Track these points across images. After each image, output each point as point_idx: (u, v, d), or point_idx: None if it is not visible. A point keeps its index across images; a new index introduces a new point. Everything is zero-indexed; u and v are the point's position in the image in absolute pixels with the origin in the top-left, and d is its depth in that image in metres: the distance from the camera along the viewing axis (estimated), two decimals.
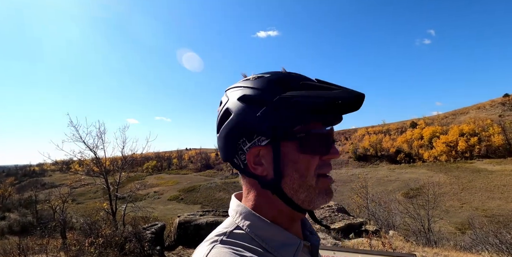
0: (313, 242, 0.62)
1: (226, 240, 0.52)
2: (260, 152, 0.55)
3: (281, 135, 0.53)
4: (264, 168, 0.55)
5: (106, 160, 10.03)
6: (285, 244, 0.54)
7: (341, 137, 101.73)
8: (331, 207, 5.73)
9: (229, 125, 0.56)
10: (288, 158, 0.54)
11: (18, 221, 25.83)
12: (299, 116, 0.53)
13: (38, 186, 65.59)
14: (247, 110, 0.55)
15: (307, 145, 0.54)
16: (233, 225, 0.56)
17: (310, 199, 0.55)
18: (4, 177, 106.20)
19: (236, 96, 0.57)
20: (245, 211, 0.57)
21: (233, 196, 0.64)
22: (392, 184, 51.75)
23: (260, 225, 0.54)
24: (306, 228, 0.65)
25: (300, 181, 0.54)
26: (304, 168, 0.54)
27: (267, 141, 0.54)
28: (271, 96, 0.54)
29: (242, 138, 0.56)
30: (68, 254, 6.65)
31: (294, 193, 0.55)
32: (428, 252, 4.46)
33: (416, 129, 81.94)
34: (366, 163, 75.24)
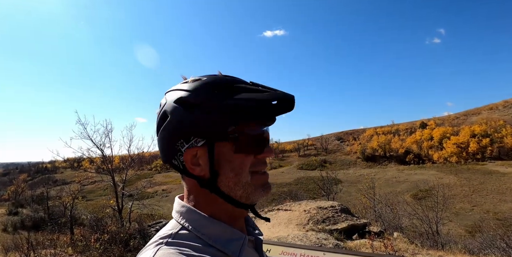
0: (256, 237, 0.65)
1: (171, 242, 0.53)
2: (197, 152, 0.57)
3: (214, 136, 0.56)
4: (202, 168, 0.57)
5: (113, 158, 10.17)
6: (231, 239, 0.56)
7: (349, 137, 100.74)
8: (334, 208, 5.70)
9: (166, 127, 0.58)
10: (223, 157, 0.57)
11: (30, 216, 26.32)
12: (232, 118, 0.55)
13: (50, 183, 66.98)
14: (182, 112, 0.56)
15: (240, 145, 0.57)
16: (178, 226, 0.57)
17: (247, 194, 0.58)
18: (17, 173, 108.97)
19: (173, 98, 0.58)
20: (188, 211, 0.58)
21: (176, 198, 0.65)
22: (401, 185, 51.00)
23: (204, 224, 0.56)
24: (249, 224, 0.68)
25: (235, 179, 0.57)
26: (238, 167, 0.57)
27: (203, 142, 0.56)
28: (205, 98, 0.56)
29: (179, 140, 0.57)
30: (75, 250, 6.80)
31: (230, 191, 0.57)
32: (432, 255, 4.40)
33: (426, 130, 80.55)
34: (374, 164, 74.33)
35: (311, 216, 5.23)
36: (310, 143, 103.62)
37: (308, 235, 4.35)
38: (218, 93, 0.56)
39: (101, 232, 6.22)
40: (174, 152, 0.58)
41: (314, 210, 5.52)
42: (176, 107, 0.57)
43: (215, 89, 0.57)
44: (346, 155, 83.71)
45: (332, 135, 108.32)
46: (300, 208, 5.75)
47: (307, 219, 5.12)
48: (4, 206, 38.38)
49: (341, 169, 72.02)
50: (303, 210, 5.56)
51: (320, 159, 79.80)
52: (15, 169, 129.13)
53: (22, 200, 42.02)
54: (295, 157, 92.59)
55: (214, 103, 0.55)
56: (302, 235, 4.28)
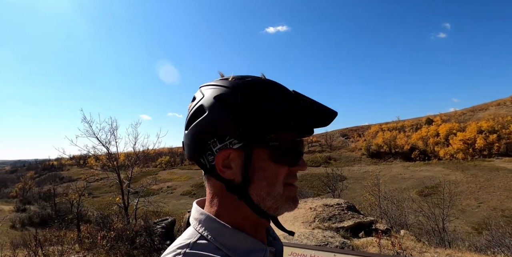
0: (277, 247, 0.62)
1: (189, 253, 0.49)
2: (230, 155, 0.53)
3: (254, 141, 0.53)
4: (232, 172, 0.53)
5: (119, 156, 10.21)
6: (251, 250, 0.53)
7: (354, 134, 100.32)
8: (340, 205, 5.65)
9: (201, 123, 0.54)
10: (258, 165, 0.53)
11: (38, 213, 26.72)
12: (276, 125, 0.52)
13: (57, 180, 67.82)
14: (222, 110, 0.53)
15: (278, 154, 0.54)
16: (196, 235, 0.54)
17: (277, 206, 0.55)
18: (25, 171, 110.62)
19: (213, 94, 0.55)
20: (208, 219, 0.55)
21: (195, 203, 0.61)
22: (406, 182, 50.78)
23: (224, 233, 0.53)
24: (269, 234, 0.65)
25: (268, 189, 0.54)
26: (272, 177, 0.54)
27: (240, 145, 0.53)
28: (249, 100, 0.53)
29: (213, 138, 0.53)
30: (82, 247, 6.85)
31: (261, 200, 0.54)
32: (440, 253, 4.34)
33: (432, 126, 79.95)
34: (379, 160, 74.01)
35: (317, 214, 5.19)
36: (315, 139, 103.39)
37: (315, 233, 4.32)
38: (263, 97, 0.54)
39: (107, 230, 6.26)
40: (204, 150, 0.55)
41: (320, 207, 5.48)
42: (216, 104, 0.54)
43: (260, 92, 0.55)
44: (351, 152, 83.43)
45: (336, 131, 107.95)
46: (306, 206, 5.71)
47: (313, 217, 5.08)
48: (12, 203, 39.02)
49: (346, 166, 71.86)
50: (309, 208, 5.52)
51: (324, 156, 79.68)
52: (22, 167, 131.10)
53: (30, 197, 42.69)
54: None
55: (258, 106, 0.52)
56: (308, 233, 4.25)
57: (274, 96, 0.55)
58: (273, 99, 0.54)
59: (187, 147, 0.58)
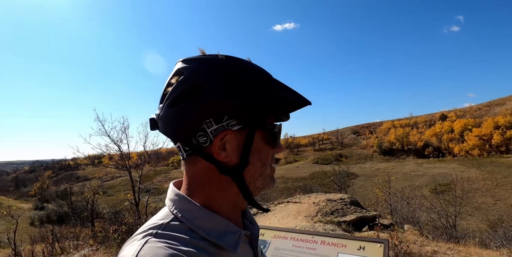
0: (253, 231, 0.62)
1: (161, 233, 0.48)
2: (226, 136, 0.52)
3: (257, 124, 0.54)
4: (227, 154, 0.52)
5: (130, 154, 10.54)
6: (225, 232, 0.53)
7: (366, 131, 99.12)
8: (343, 200, 5.72)
9: (197, 101, 0.50)
10: (255, 146, 0.54)
11: (55, 211, 27.66)
12: (276, 108, 0.55)
13: (73, 179, 69.83)
14: (226, 89, 0.50)
15: (270, 137, 0.57)
16: (169, 216, 0.53)
17: (264, 186, 0.58)
18: (42, 170, 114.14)
19: (212, 67, 0.52)
20: (183, 200, 0.54)
21: (171, 184, 0.60)
22: (419, 179, 49.90)
23: (199, 215, 0.52)
24: (246, 217, 0.65)
25: (261, 170, 0.56)
26: (265, 158, 0.57)
27: (239, 126, 0.53)
28: (256, 81, 0.53)
29: (208, 119, 0.51)
30: (96, 241, 7.17)
31: (252, 181, 0.55)
32: (441, 246, 4.38)
33: (446, 122, 78.07)
34: (391, 158, 72.94)
35: (320, 208, 5.29)
36: (326, 137, 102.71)
37: (316, 226, 4.43)
38: (265, 80, 0.55)
39: (119, 224, 6.53)
40: (196, 130, 0.52)
41: (323, 202, 5.57)
42: (218, 82, 0.50)
43: (260, 75, 0.55)
44: (363, 149, 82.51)
45: (347, 128, 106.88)
46: (310, 201, 5.81)
47: (315, 211, 5.19)
48: (31, 201, 40.50)
49: (358, 163, 71.16)
50: (312, 203, 5.63)
51: (335, 153, 79.07)
52: (40, 167, 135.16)
53: (48, 196, 44.08)
54: (310, 152, 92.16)
55: (265, 89, 0.52)
56: (309, 226, 4.36)
57: (266, 79, 0.55)
58: (267, 82, 0.54)
59: (170, 126, 0.53)
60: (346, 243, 1.47)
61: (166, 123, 0.54)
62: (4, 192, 54.83)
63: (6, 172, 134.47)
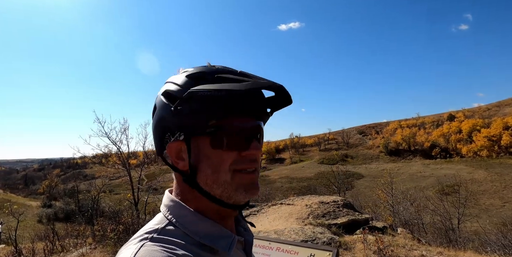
0: (246, 238, 0.62)
1: (157, 238, 0.50)
2: (181, 147, 0.55)
3: (191, 130, 0.54)
4: (184, 163, 0.55)
5: (129, 154, 10.70)
6: (219, 237, 0.54)
7: (372, 131, 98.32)
8: (336, 203, 5.73)
9: (155, 120, 0.58)
10: (203, 153, 0.54)
11: (62, 209, 28.10)
12: (209, 110, 0.51)
13: (80, 177, 70.97)
14: (166, 105, 0.55)
15: (219, 140, 0.52)
16: (164, 221, 0.54)
17: (228, 194, 0.54)
18: (51, 169, 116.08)
19: (161, 91, 0.58)
20: (177, 206, 0.56)
21: (167, 191, 0.62)
22: (426, 180, 49.32)
23: (192, 220, 0.54)
24: (239, 224, 0.65)
25: (213, 176, 0.53)
26: (216, 164, 0.53)
27: (182, 135, 0.55)
28: (184, 91, 0.52)
29: (167, 133, 0.56)
30: (94, 239, 7.32)
31: (210, 189, 0.54)
32: (431, 251, 4.37)
33: (454, 122, 76.96)
34: (398, 158, 72.23)
35: (312, 211, 5.31)
36: (331, 137, 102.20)
37: (305, 229, 4.46)
38: (197, 85, 0.53)
39: (116, 223, 6.65)
40: (163, 145, 0.57)
41: (316, 204, 5.60)
42: (162, 100, 0.56)
43: (196, 80, 0.55)
44: (369, 149, 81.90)
45: (353, 129, 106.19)
46: (302, 203, 5.84)
47: (307, 214, 5.21)
48: (40, 199, 41.24)
49: (363, 164, 70.70)
50: (305, 205, 5.65)
51: (341, 154, 78.65)
52: (49, 165, 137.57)
53: (56, 194, 44.84)
54: (316, 152, 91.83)
55: (195, 95, 0.51)
56: (298, 229, 4.40)
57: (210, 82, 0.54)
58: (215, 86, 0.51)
59: (154, 144, 0.61)
60: (299, 250, 1.51)
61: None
62: (13, 190, 55.92)
63: (16, 170, 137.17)
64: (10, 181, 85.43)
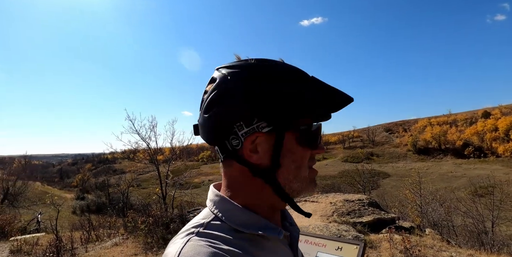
0: (292, 233, 0.62)
1: (203, 232, 0.50)
2: (257, 139, 0.52)
3: (287, 125, 0.53)
4: (259, 156, 0.53)
5: (158, 150, 11.14)
6: (265, 228, 0.53)
7: (399, 129, 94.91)
8: (361, 201, 5.67)
9: (227, 106, 0.52)
10: (287, 148, 0.54)
11: (94, 201, 29.59)
12: (308, 109, 0.53)
13: (110, 172, 74.46)
14: (254, 93, 0.51)
15: (305, 138, 0.55)
16: (211, 215, 0.54)
17: (301, 189, 0.56)
18: (83, 163, 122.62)
19: (239, 76, 0.54)
20: (223, 201, 0.55)
21: (211, 186, 0.62)
22: (458, 181, 47.01)
23: (238, 214, 0.53)
24: (286, 219, 0.65)
25: (295, 172, 0.55)
26: (300, 160, 0.55)
27: (269, 128, 0.53)
28: (283, 84, 0.53)
29: (239, 122, 0.52)
30: (126, 230, 7.74)
31: (287, 183, 0.55)
32: (461, 253, 4.23)
33: (490, 120, 72.54)
34: (427, 157, 69.33)
35: (336, 208, 5.30)
36: (356, 134, 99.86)
37: (330, 226, 4.47)
38: (297, 81, 0.54)
39: (146, 216, 6.99)
40: (228, 133, 0.53)
41: (340, 202, 5.57)
42: (244, 87, 0.52)
43: (286, 75, 0.54)
44: (396, 148, 79.23)
45: (380, 126, 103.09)
46: (327, 200, 5.83)
47: (332, 211, 5.21)
48: (73, 191, 43.79)
49: (390, 162, 68.55)
50: (330, 202, 5.64)
51: (366, 152, 76.69)
52: (81, 159, 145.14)
53: (88, 187, 47.28)
54: (340, 150, 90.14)
55: (293, 91, 0.52)
56: (323, 226, 4.42)
57: (299, 80, 0.54)
58: (299, 83, 0.54)
59: (206, 131, 0.56)
60: (326, 243, 1.57)
61: (203, 128, 0.57)
62: (50, 183, 59.60)
63: (52, 164, 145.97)
64: (47, 174, 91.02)
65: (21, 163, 43.95)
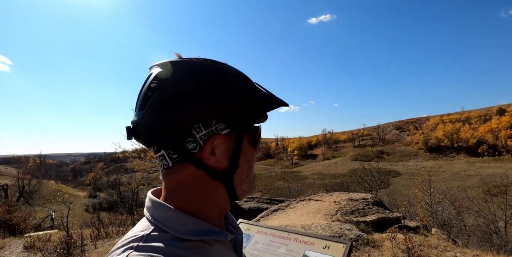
0: (237, 236, 0.61)
1: (143, 246, 0.45)
2: (215, 141, 0.51)
3: (247, 127, 0.55)
4: (217, 159, 0.51)
5: None
6: (212, 233, 0.52)
7: (410, 127, 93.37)
8: (366, 200, 5.64)
9: (186, 107, 0.48)
10: (242, 149, 0.54)
11: (106, 199, 30.22)
12: (260, 112, 0.55)
13: (122, 171, 75.65)
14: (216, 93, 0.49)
15: (255, 139, 0.57)
16: (150, 227, 0.50)
17: (249, 189, 0.58)
18: (96, 162, 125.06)
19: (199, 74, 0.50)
20: (165, 209, 0.51)
21: (149, 193, 0.57)
22: (471, 180, 46.00)
23: (183, 222, 0.50)
24: (228, 222, 0.63)
25: (247, 172, 0.56)
26: (251, 160, 0.57)
27: (228, 130, 0.52)
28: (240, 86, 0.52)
29: (198, 124, 0.50)
30: None
31: (240, 184, 0.55)
32: (467, 253, 4.18)
33: (505, 117, 70.54)
34: (439, 155, 68.03)
35: (340, 207, 5.29)
36: (366, 133, 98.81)
37: (332, 225, 4.47)
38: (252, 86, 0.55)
39: None
40: (186, 136, 0.50)
41: (344, 201, 5.56)
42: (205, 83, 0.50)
43: (244, 78, 0.55)
44: (406, 146, 78.02)
45: (390, 124, 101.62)
46: (331, 199, 5.83)
47: (335, 210, 5.20)
48: (86, 190, 44.76)
49: (400, 161, 67.59)
50: (333, 201, 5.64)
51: (376, 150, 75.78)
52: (94, 158, 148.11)
53: (100, 185, 48.21)
54: (350, 148, 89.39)
55: (249, 92, 0.53)
56: (325, 225, 4.43)
57: (250, 82, 0.55)
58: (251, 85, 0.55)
59: (157, 134, 0.50)
60: (314, 241, 1.60)
61: (152, 130, 0.50)
62: (64, 181, 60.95)
63: (66, 163, 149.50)
64: (61, 173, 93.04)
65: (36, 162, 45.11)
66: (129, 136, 0.53)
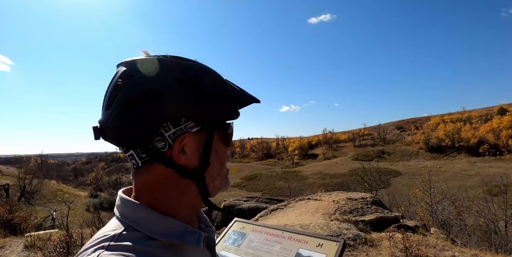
0: (210, 234, 0.60)
1: (114, 245, 0.45)
2: (184, 139, 0.51)
3: (217, 125, 0.54)
4: (187, 157, 0.51)
5: None
6: (185, 233, 0.51)
7: (411, 126, 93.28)
8: (365, 199, 5.65)
9: (153, 105, 0.48)
10: (213, 147, 0.55)
11: (107, 199, 30.24)
12: (231, 109, 0.55)
13: (123, 171, 75.79)
14: (186, 92, 0.49)
15: (227, 136, 0.57)
16: (121, 226, 0.49)
17: (221, 186, 0.58)
18: (97, 162, 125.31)
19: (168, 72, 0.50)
20: (137, 208, 0.50)
21: (120, 192, 0.56)
22: (472, 180, 45.94)
23: (156, 221, 0.49)
24: (201, 221, 0.63)
25: (219, 169, 0.56)
26: (223, 157, 0.57)
27: (198, 128, 0.52)
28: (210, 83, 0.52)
29: (167, 122, 0.49)
30: None
31: (211, 181, 0.55)
32: (465, 252, 4.19)
33: (506, 116, 70.39)
34: (440, 155, 67.92)
35: (339, 207, 5.30)
36: (366, 132, 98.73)
37: (331, 224, 4.49)
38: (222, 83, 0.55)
39: None
40: (154, 135, 0.49)
41: (343, 201, 5.57)
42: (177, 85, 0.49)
43: (215, 76, 0.55)
44: (407, 146, 77.94)
45: (391, 124, 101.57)
46: (330, 199, 5.84)
47: (334, 209, 5.22)
48: (87, 189, 44.86)
49: (401, 161, 67.53)
50: (332, 201, 5.65)
51: (377, 150, 75.74)
52: (95, 158, 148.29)
53: (101, 185, 48.27)
54: (350, 148, 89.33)
55: (219, 90, 0.52)
56: (323, 224, 4.44)
57: (220, 79, 0.55)
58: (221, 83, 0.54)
59: (124, 133, 0.49)
60: (308, 240, 1.62)
61: (118, 130, 0.49)
62: (65, 181, 61.02)
63: (67, 163, 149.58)
64: (62, 173, 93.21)
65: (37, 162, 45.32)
66: (97, 137, 0.52)
